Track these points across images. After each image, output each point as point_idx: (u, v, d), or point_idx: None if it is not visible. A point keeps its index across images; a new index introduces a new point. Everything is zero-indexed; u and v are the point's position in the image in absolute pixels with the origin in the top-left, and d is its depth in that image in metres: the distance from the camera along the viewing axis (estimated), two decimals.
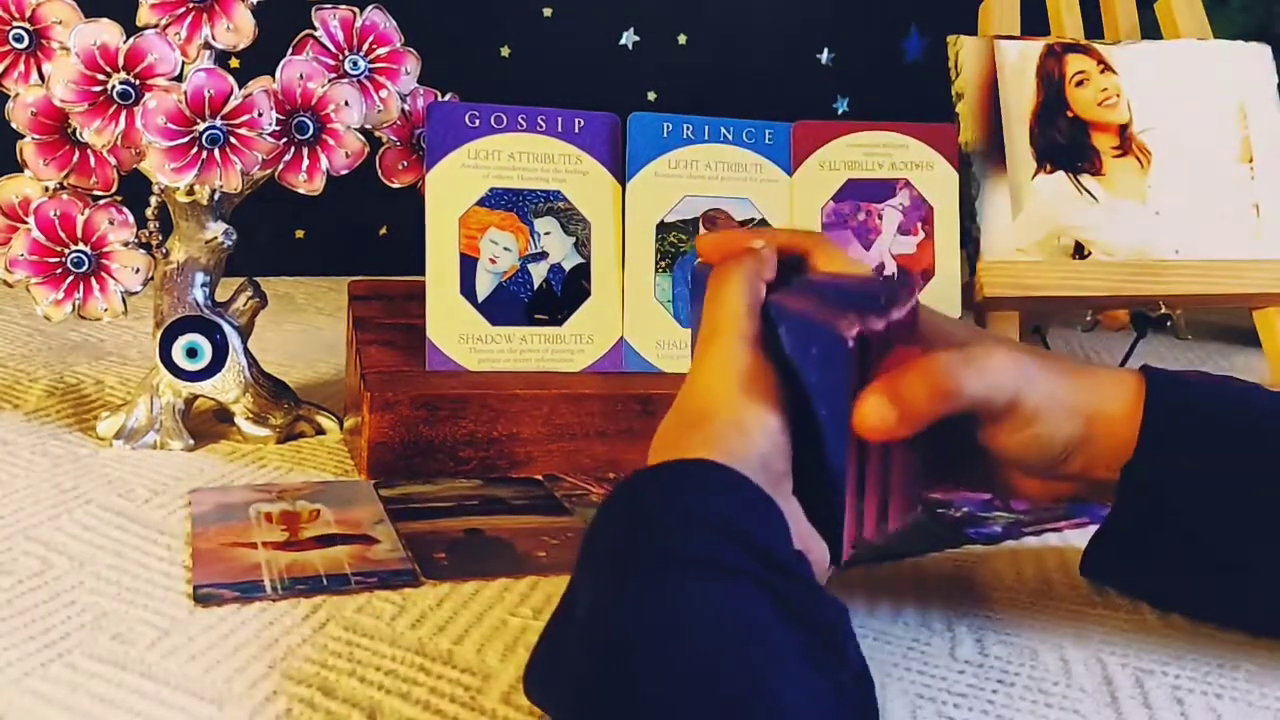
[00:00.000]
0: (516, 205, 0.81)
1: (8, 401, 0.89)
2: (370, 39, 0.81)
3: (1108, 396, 0.52)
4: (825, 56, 1.84)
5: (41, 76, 0.76)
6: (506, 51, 1.67)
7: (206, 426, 0.84)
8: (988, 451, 0.52)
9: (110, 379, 0.97)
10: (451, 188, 0.80)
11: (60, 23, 0.76)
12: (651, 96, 1.74)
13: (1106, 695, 0.50)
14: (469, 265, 0.80)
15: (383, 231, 1.61)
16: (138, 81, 0.74)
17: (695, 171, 0.85)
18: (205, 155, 0.74)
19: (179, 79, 0.75)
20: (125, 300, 0.80)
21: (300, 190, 0.79)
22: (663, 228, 0.84)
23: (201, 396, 0.82)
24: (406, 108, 0.83)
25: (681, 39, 1.76)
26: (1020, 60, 1.02)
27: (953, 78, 1.02)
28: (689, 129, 0.85)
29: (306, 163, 0.78)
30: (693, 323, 0.55)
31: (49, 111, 0.76)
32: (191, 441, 0.80)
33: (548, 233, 0.82)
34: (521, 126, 0.82)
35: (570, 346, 0.82)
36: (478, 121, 0.81)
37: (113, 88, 0.74)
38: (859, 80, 1.85)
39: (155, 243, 0.80)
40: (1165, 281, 1.01)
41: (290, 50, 0.79)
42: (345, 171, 0.79)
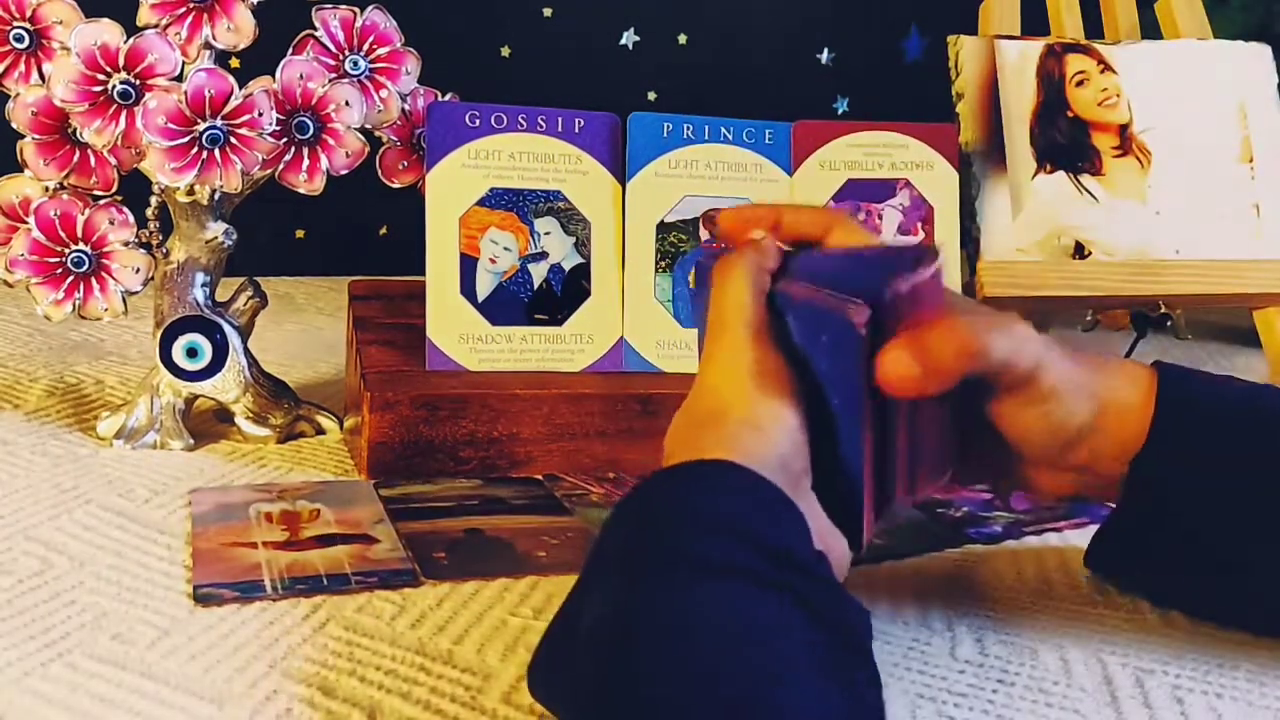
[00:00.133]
0: (516, 205, 0.81)
1: (8, 401, 0.89)
2: (370, 39, 0.81)
3: (1120, 387, 0.52)
4: (825, 56, 1.84)
5: (42, 76, 0.76)
6: (506, 51, 1.67)
7: (206, 426, 0.84)
8: (999, 433, 0.51)
9: (110, 379, 0.97)
10: (451, 188, 0.80)
11: (61, 23, 0.76)
12: (651, 96, 1.74)
13: (1106, 695, 0.50)
14: (469, 265, 0.80)
15: (383, 231, 1.61)
16: (138, 81, 0.74)
17: (695, 171, 0.85)
18: (205, 155, 0.74)
19: (179, 79, 0.75)
20: (125, 300, 0.80)
21: (300, 190, 0.79)
22: (663, 228, 0.84)
23: (201, 396, 0.82)
24: (406, 108, 0.83)
25: (681, 39, 1.76)
26: (1020, 60, 1.02)
27: (953, 78, 1.02)
28: (689, 129, 0.85)
29: (306, 163, 0.78)
30: (697, 319, 0.54)
31: (49, 111, 0.76)
32: (191, 441, 0.80)
33: (548, 233, 0.82)
34: (521, 126, 0.82)
35: (570, 346, 0.82)
36: (478, 121, 0.81)
37: (113, 88, 0.74)
38: (859, 80, 1.85)
39: (155, 243, 0.81)
40: (1165, 281, 1.01)
41: (290, 50, 0.79)
42: (345, 171, 0.79)
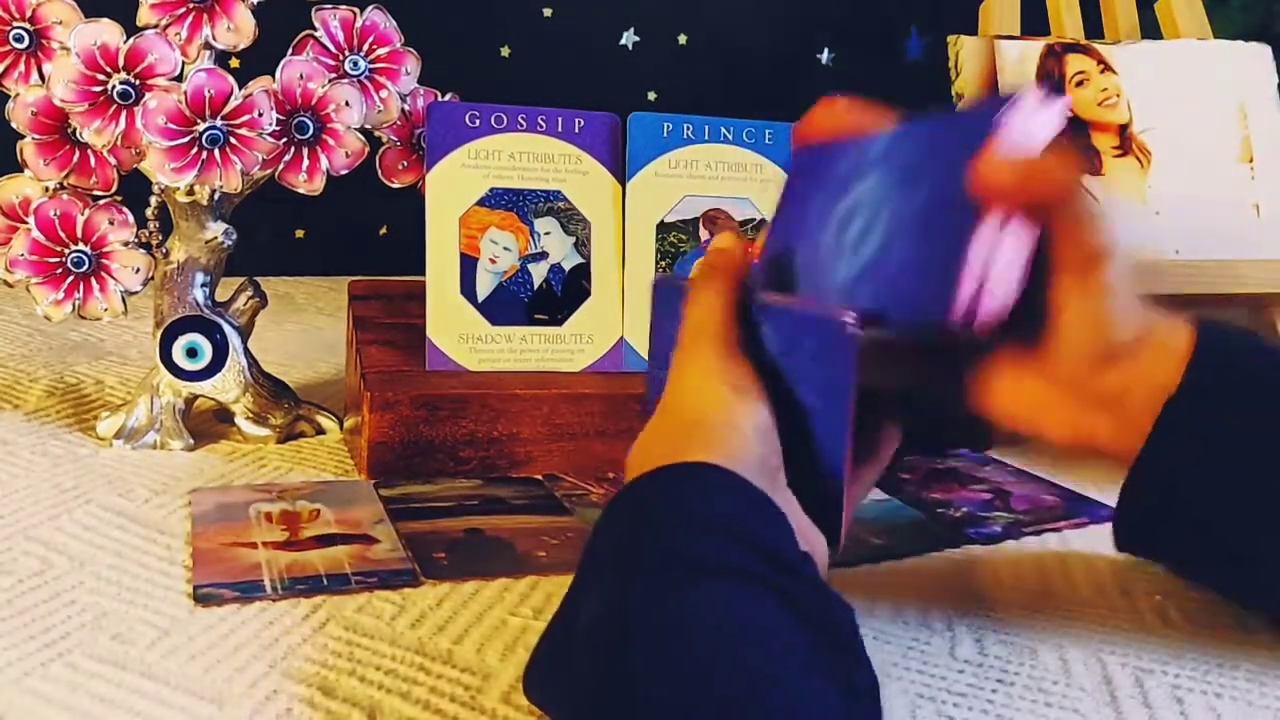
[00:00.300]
0: (516, 205, 0.81)
1: (8, 401, 0.89)
2: (370, 39, 0.81)
3: (1165, 327, 0.50)
4: (825, 56, 1.84)
5: (42, 76, 0.76)
6: (506, 51, 1.67)
7: (206, 426, 0.84)
8: (1050, 324, 0.49)
9: (110, 379, 0.97)
10: (451, 188, 0.80)
11: (60, 23, 0.76)
12: (651, 96, 1.74)
13: (1106, 695, 0.50)
14: (469, 265, 0.80)
15: (383, 231, 1.61)
16: (138, 81, 0.74)
17: (695, 171, 0.85)
18: (205, 155, 0.74)
19: (179, 79, 0.75)
20: (125, 300, 0.80)
21: (300, 190, 0.79)
22: (663, 228, 0.84)
23: (201, 396, 0.82)
24: (406, 108, 0.83)
25: (681, 39, 1.76)
26: (1020, 60, 1.02)
27: (953, 78, 1.02)
28: (689, 129, 0.85)
29: (306, 163, 0.78)
30: (655, 340, 0.58)
31: (49, 111, 0.76)
32: (191, 441, 0.80)
33: (548, 233, 0.82)
34: (521, 126, 0.82)
35: (570, 346, 0.82)
36: (478, 121, 0.81)
37: (113, 88, 0.74)
38: (859, 80, 1.85)
39: (155, 243, 0.81)
40: (1165, 281, 1.01)
41: (290, 50, 0.79)
42: (345, 171, 0.79)
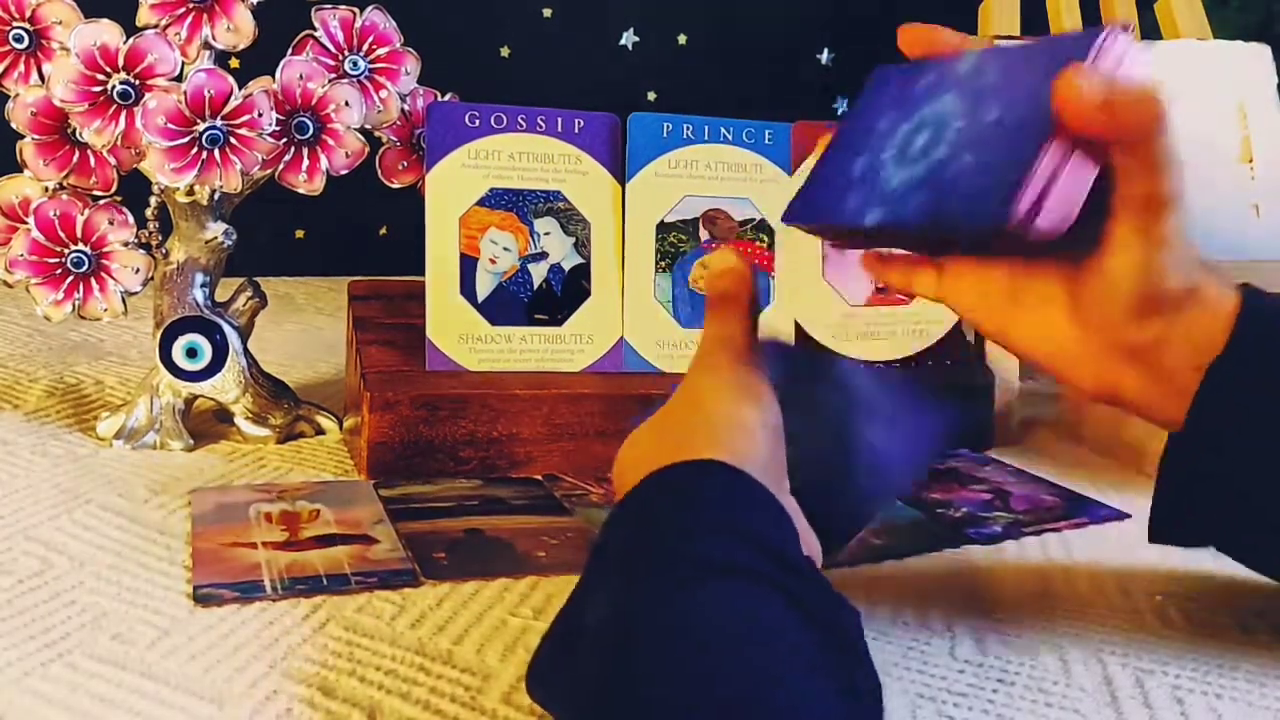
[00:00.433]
0: (516, 205, 0.81)
1: (8, 401, 0.89)
2: (370, 39, 0.81)
3: (1214, 289, 0.50)
4: (825, 56, 1.84)
5: (41, 77, 0.76)
6: (506, 51, 1.67)
7: (206, 426, 0.84)
8: (1099, 262, 0.49)
9: (110, 379, 0.97)
10: (451, 188, 0.80)
11: (60, 23, 0.76)
12: (651, 96, 1.74)
13: (1106, 695, 0.50)
14: (469, 265, 0.80)
15: (383, 231, 1.61)
16: (138, 81, 0.74)
17: (695, 171, 0.85)
18: (205, 155, 0.74)
19: (179, 79, 0.75)
20: (125, 300, 0.80)
21: (300, 190, 0.79)
22: (663, 228, 0.84)
23: (201, 396, 0.82)
24: (406, 108, 0.83)
25: (681, 39, 1.76)
26: None
27: None
28: (689, 129, 0.85)
29: (306, 163, 0.78)
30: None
31: (49, 111, 0.76)
32: (191, 441, 0.80)
33: (548, 233, 0.82)
34: (521, 126, 0.82)
35: (570, 346, 0.82)
36: (478, 121, 0.81)
37: (113, 88, 0.74)
38: (859, 80, 1.85)
39: (155, 243, 0.81)
40: None
41: (290, 50, 0.79)
42: (345, 171, 0.79)
